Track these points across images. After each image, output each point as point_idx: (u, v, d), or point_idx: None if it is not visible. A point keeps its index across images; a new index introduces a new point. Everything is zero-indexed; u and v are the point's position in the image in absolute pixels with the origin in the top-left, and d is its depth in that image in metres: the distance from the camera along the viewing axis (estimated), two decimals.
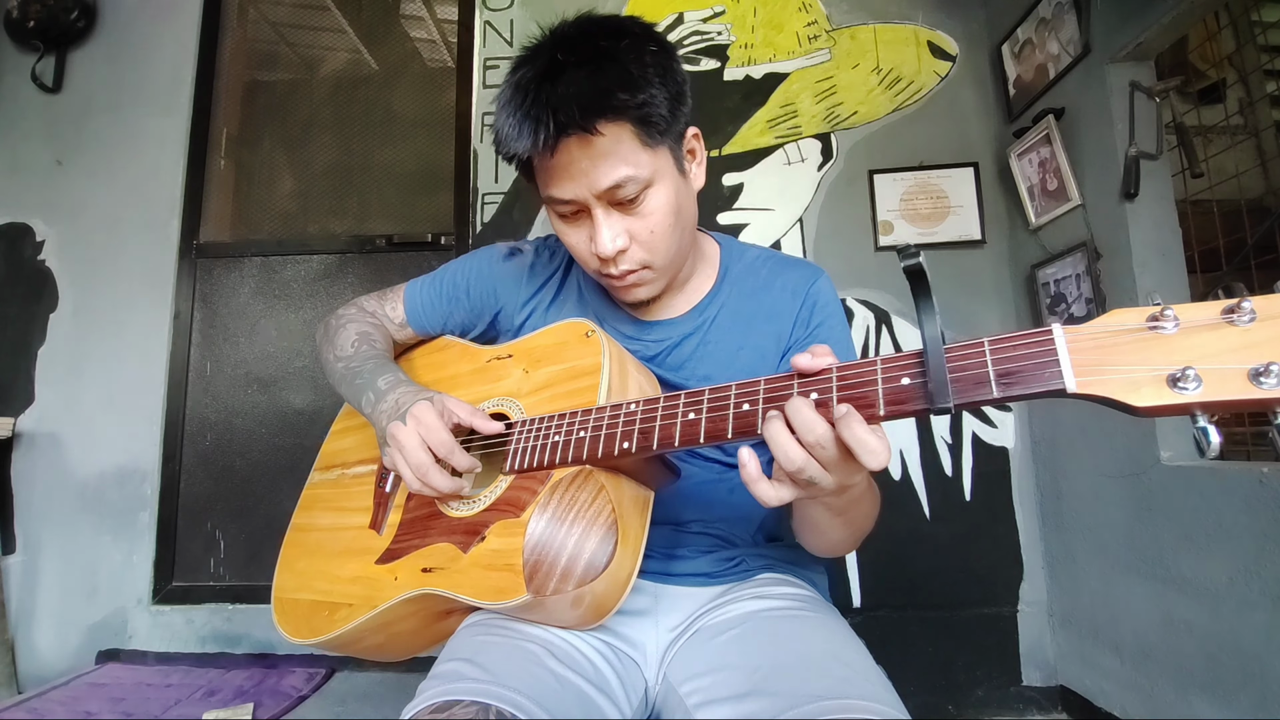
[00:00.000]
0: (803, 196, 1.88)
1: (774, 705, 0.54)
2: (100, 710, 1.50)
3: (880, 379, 0.47)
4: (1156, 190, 1.37)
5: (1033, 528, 1.70)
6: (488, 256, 0.87)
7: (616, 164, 0.64)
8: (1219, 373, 0.37)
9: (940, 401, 0.44)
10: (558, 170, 0.65)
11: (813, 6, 1.97)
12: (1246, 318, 0.38)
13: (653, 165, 0.66)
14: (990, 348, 0.44)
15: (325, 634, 0.73)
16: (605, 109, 0.62)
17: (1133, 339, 0.40)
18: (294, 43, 2.41)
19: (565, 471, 0.63)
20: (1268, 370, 0.36)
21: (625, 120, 0.63)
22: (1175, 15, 1.27)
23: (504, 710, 0.53)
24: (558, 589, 0.58)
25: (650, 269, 0.71)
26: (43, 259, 2.03)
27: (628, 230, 0.68)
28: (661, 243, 0.69)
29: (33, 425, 1.94)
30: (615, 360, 0.67)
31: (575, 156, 0.64)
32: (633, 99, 0.62)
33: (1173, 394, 0.38)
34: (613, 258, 0.68)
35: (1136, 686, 1.37)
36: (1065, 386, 0.41)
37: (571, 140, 0.63)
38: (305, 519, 0.87)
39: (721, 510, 0.77)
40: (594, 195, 0.65)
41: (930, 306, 0.45)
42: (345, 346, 0.83)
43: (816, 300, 0.78)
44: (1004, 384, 0.43)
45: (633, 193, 0.66)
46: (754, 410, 0.52)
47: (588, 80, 0.62)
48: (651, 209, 0.68)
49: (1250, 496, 1.12)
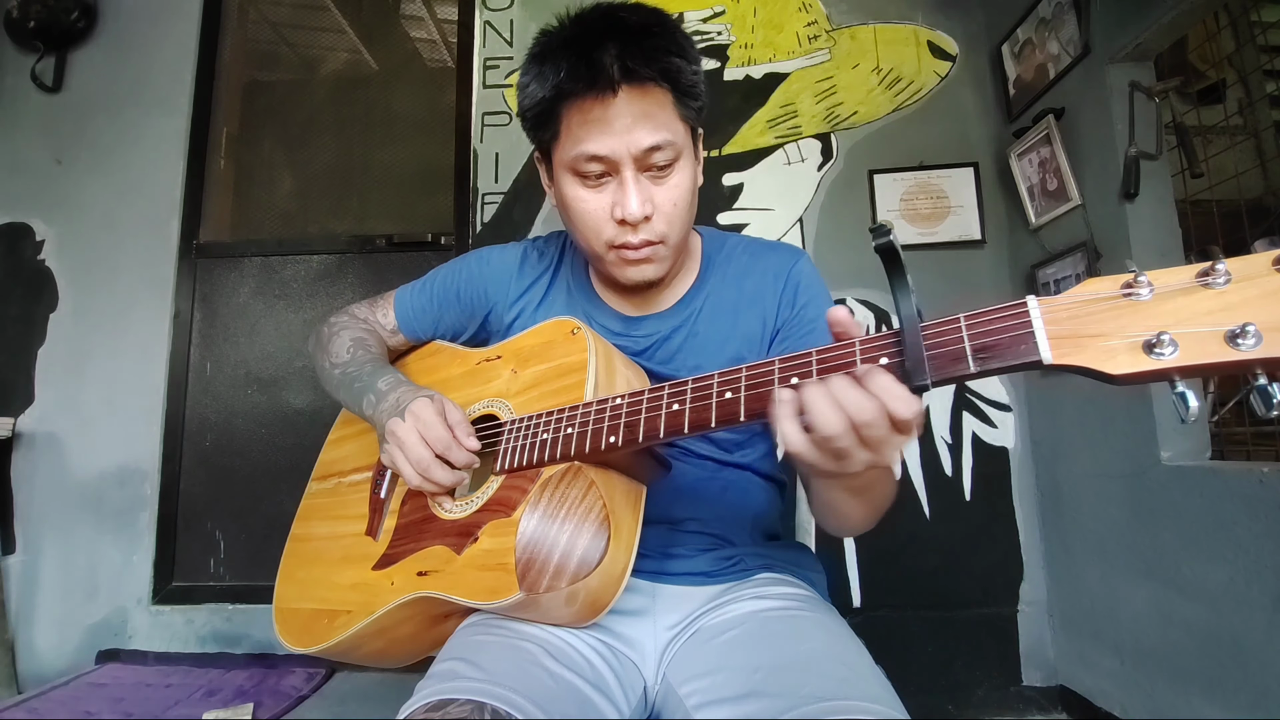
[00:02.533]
0: (803, 196, 1.88)
1: (774, 706, 0.54)
2: (100, 710, 1.50)
3: (859, 360, 0.47)
4: (1156, 190, 1.37)
5: (1032, 528, 1.70)
6: (477, 259, 0.88)
7: (659, 127, 0.66)
8: (1195, 336, 0.37)
9: (917, 379, 0.43)
10: (600, 124, 0.66)
11: (813, 6, 1.97)
12: (1222, 280, 0.37)
13: (684, 139, 0.69)
14: (966, 323, 0.43)
15: (325, 641, 0.73)
16: (664, 69, 0.65)
17: (1108, 307, 0.40)
18: (294, 43, 2.41)
19: (555, 469, 0.63)
20: (1244, 331, 0.35)
21: (670, 86, 0.66)
22: (1175, 16, 1.27)
23: (499, 709, 0.52)
24: (551, 586, 0.58)
25: (664, 244, 0.71)
26: (43, 259, 2.03)
27: (653, 199, 0.68)
28: (679, 219, 0.71)
29: (33, 425, 1.94)
30: (601, 356, 0.67)
31: (622, 111, 0.65)
32: (686, 67, 0.66)
33: (1149, 360, 0.37)
34: (639, 223, 0.68)
35: (1136, 686, 1.37)
36: (1041, 358, 0.40)
37: (622, 94, 0.65)
38: (304, 529, 0.88)
39: (717, 508, 0.77)
40: (631, 155, 0.66)
41: (905, 285, 0.44)
42: (340, 353, 0.83)
43: (800, 280, 0.78)
44: (980, 359, 0.42)
45: (665, 160, 0.68)
46: (736, 398, 0.51)
47: (650, 39, 0.65)
48: (676, 182, 0.69)
49: (1250, 496, 1.12)
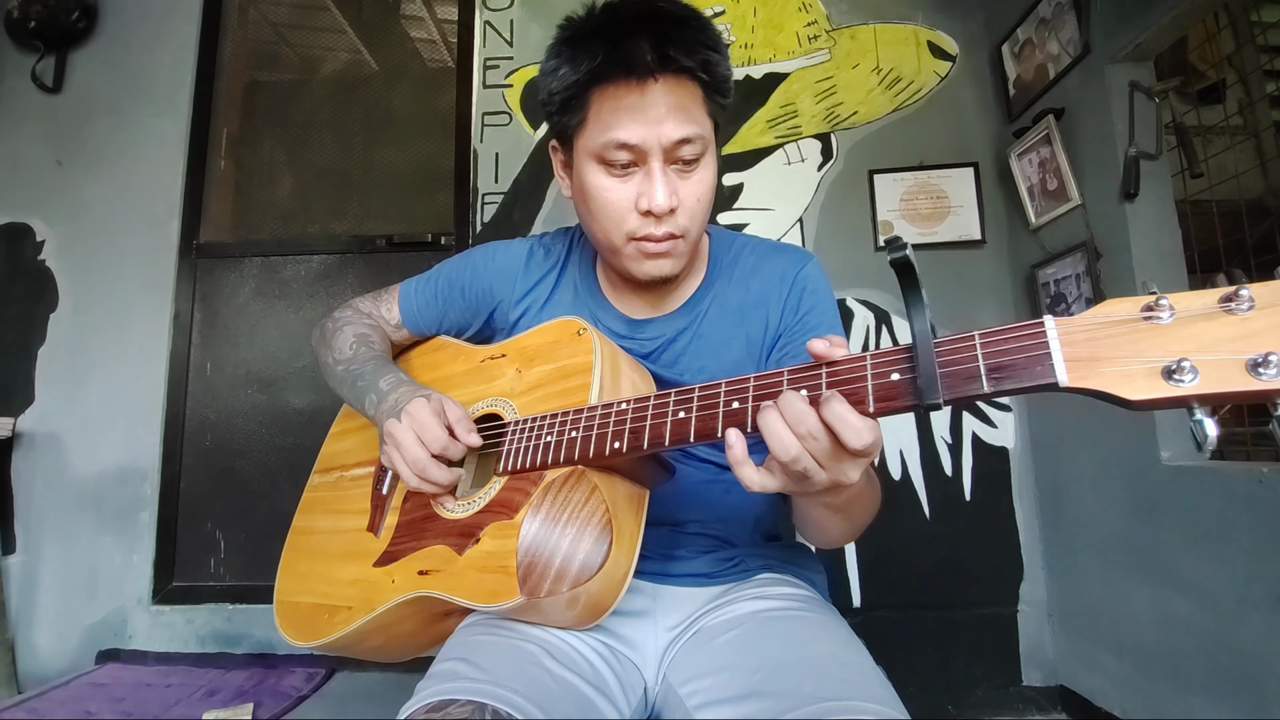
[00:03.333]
0: (803, 196, 1.88)
1: (775, 706, 0.54)
2: (100, 710, 1.50)
3: (870, 375, 0.46)
4: (1156, 190, 1.37)
5: (1032, 528, 1.70)
6: (483, 254, 0.87)
7: (690, 120, 0.66)
8: (1216, 364, 0.36)
9: (930, 397, 0.42)
10: (633, 111, 0.65)
11: (813, 6, 1.97)
12: (1245, 306, 0.36)
13: (711, 135, 0.69)
14: (981, 341, 0.43)
15: (325, 637, 0.73)
16: (703, 61, 0.65)
17: (1127, 330, 0.39)
18: (294, 43, 2.41)
19: (558, 472, 0.62)
20: (1266, 361, 0.34)
21: (701, 82, 0.67)
22: (1175, 15, 1.27)
23: (500, 709, 0.52)
24: (552, 590, 0.57)
25: (684, 240, 0.71)
26: (43, 259, 2.03)
27: (678, 192, 0.68)
28: (700, 215, 0.71)
29: (33, 425, 1.94)
30: (607, 358, 0.67)
31: (657, 100, 0.64)
32: (721, 62, 0.67)
33: (1168, 386, 0.36)
34: (665, 214, 0.67)
35: (1136, 686, 1.37)
36: (1057, 380, 0.39)
37: (659, 83, 0.64)
38: (305, 522, 0.87)
39: (719, 510, 0.77)
40: (661, 145, 0.66)
41: (919, 300, 0.43)
42: (344, 349, 0.83)
43: (805, 285, 0.77)
44: (995, 378, 0.41)
45: (693, 154, 0.67)
46: (744, 408, 0.51)
47: (689, 30, 0.65)
48: (701, 178, 0.69)
49: (1250, 496, 1.12)
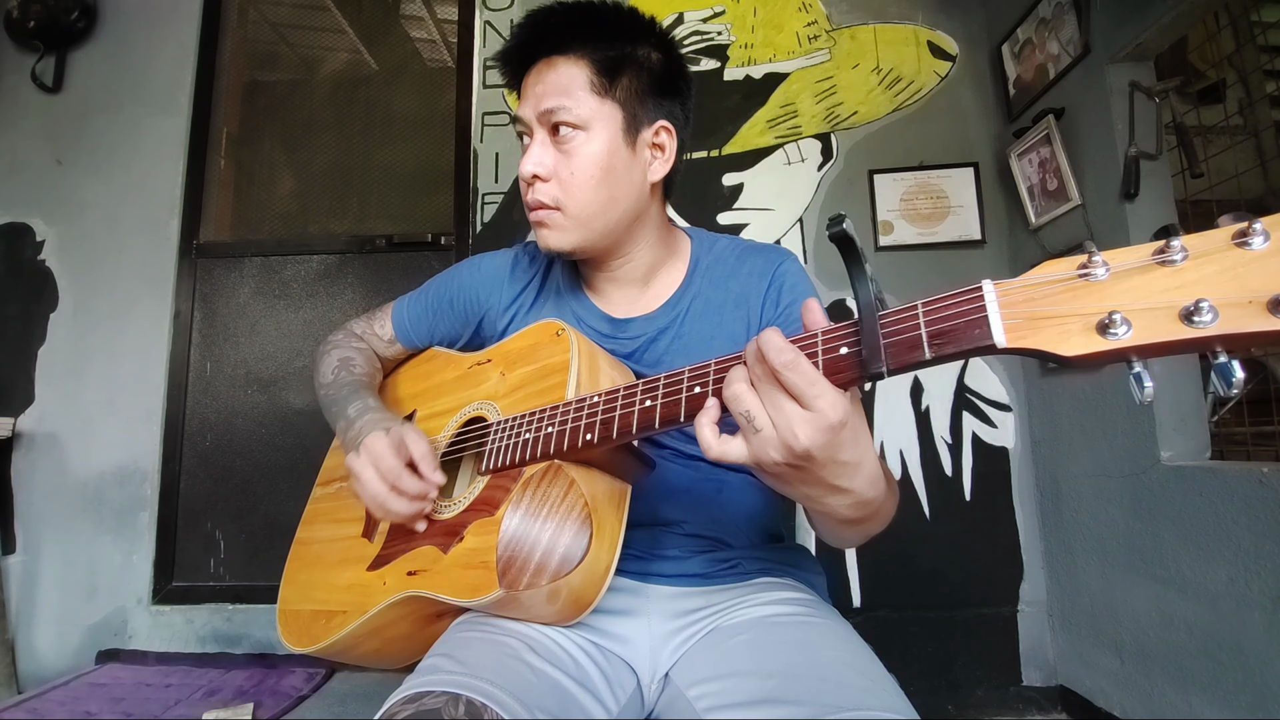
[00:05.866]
0: (803, 196, 1.88)
1: (794, 714, 0.54)
2: (100, 710, 1.50)
3: (820, 350, 0.47)
4: (1156, 190, 1.37)
5: (1032, 528, 1.70)
6: (469, 266, 0.91)
7: (560, 95, 0.72)
8: (1149, 314, 0.36)
9: (874, 367, 0.43)
10: (524, 90, 0.76)
11: (813, 6, 1.97)
12: (1178, 256, 0.36)
13: (596, 114, 0.73)
14: (923, 309, 0.43)
15: (322, 641, 0.75)
16: (570, 46, 0.73)
17: (1064, 288, 0.39)
18: (294, 43, 2.41)
19: (536, 468, 0.64)
20: (1198, 308, 0.34)
21: (585, 62, 0.73)
22: (1175, 15, 1.27)
23: (474, 699, 0.53)
24: (531, 584, 0.58)
25: (561, 212, 0.74)
26: (43, 259, 2.03)
27: (553, 163, 0.73)
28: (579, 191, 0.73)
29: (33, 425, 1.94)
30: (585, 356, 0.69)
31: (534, 80, 0.75)
32: (596, 48, 0.73)
33: (1103, 340, 0.37)
34: (529, 181, 0.74)
35: (1136, 686, 1.38)
36: (995, 342, 0.40)
37: (539, 66, 0.75)
38: (307, 533, 0.90)
39: (711, 510, 0.77)
40: (536, 116, 0.73)
41: (863, 273, 0.44)
42: (327, 373, 0.88)
43: (784, 280, 0.79)
44: (935, 344, 0.42)
45: (565, 124, 0.72)
46: (704, 393, 0.52)
47: (565, 20, 0.74)
48: (579, 152, 0.73)
49: (1250, 496, 1.12)
